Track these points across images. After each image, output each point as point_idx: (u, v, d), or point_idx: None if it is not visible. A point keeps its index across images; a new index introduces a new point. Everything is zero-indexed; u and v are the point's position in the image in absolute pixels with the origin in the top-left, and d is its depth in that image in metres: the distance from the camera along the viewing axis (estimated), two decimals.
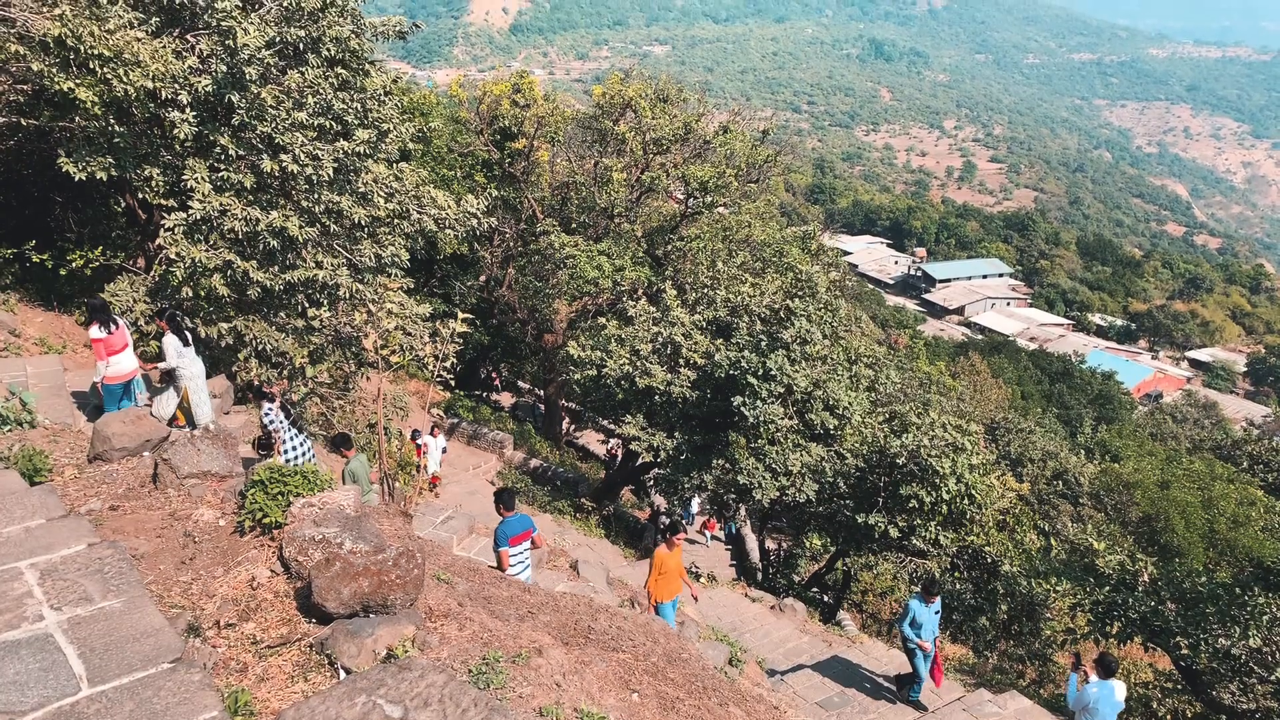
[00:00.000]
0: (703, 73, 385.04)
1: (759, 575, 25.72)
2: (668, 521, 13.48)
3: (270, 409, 12.80)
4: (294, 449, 12.84)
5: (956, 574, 22.63)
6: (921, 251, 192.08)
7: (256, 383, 13.50)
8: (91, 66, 12.86)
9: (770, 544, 27.61)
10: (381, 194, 16.36)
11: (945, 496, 17.85)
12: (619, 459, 30.75)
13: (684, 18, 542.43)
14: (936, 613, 13.58)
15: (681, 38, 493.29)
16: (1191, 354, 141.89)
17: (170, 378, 12.60)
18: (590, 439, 38.83)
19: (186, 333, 12.73)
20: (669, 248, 32.45)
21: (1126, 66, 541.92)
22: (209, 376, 14.99)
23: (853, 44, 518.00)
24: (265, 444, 12.60)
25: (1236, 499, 32.38)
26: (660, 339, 22.88)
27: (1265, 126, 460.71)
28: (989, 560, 21.95)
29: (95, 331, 11.87)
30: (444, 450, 24.85)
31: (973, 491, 18.04)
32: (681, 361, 22.41)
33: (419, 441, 24.03)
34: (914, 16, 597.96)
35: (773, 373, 19.79)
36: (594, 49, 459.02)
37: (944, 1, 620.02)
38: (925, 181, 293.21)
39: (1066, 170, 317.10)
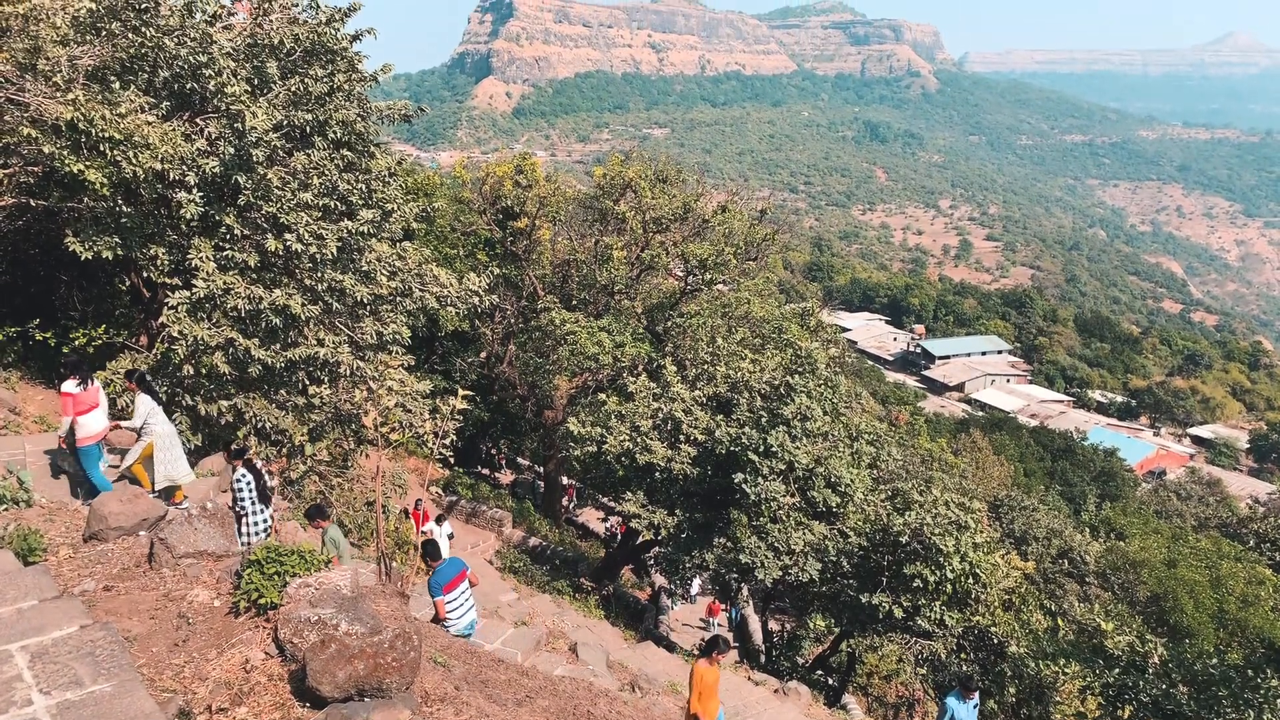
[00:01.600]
0: (701, 154, 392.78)
1: (762, 657, 25.22)
2: (708, 637, 13.17)
3: (242, 476, 12.39)
4: (257, 533, 12.40)
5: (962, 655, 22.18)
6: (920, 328, 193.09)
7: (236, 448, 13.28)
8: (102, 149, 13.11)
9: (773, 625, 27.16)
10: (384, 272, 16.52)
11: (950, 575, 17.62)
12: (619, 537, 30.42)
13: (682, 102, 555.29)
14: (976, 706, 13.16)
15: (680, 121, 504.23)
16: (1193, 431, 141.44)
17: (138, 436, 12.55)
18: (590, 516, 38.50)
19: (158, 393, 12.75)
20: (669, 324, 32.64)
21: (1118, 148, 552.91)
22: (207, 455, 14.96)
23: (848, 126, 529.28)
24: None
25: (1245, 578, 31.91)
26: (660, 415, 22.86)
27: (1257, 206, 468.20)
28: (995, 641, 21.53)
29: (70, 386, 11.69)
30: (451, 537, 23.88)
31: (977, 570, 17.81)
32: (682, 438, 22.34)
33: (427, 528, 23.24)
34: (908, 100, 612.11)
35: (774, 449, 19.71)
36: (595, 132, 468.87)
37: (937, 85, 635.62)
38: (922, 259, 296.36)
39: (1062, 248, 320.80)
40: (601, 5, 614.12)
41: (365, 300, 16.12)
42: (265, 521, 12.52)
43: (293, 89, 15.16)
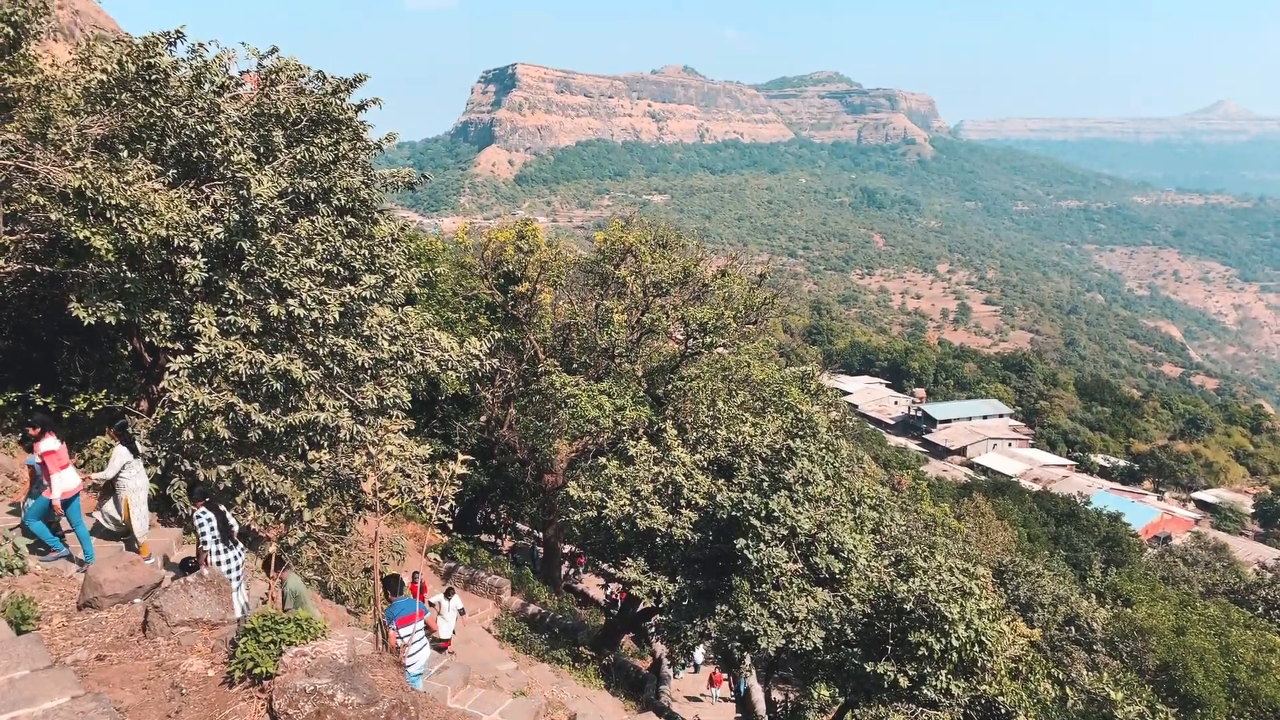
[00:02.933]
0: (700, 220, 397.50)
1: None
2: None
3: (202, 514, 12.10)
4: (224, 574, 12.21)
5: None
6: (921, 392, 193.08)
7: (198, 490, 13.09)
8: (108, 215, 13.27)
9: (777, 695, 26.64)
10: (386, 337, 16.58)
11: (955, 643, 17.32)
12: (619, 604, 30.02)
13: (682, 169, 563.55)
14: None
15: (680, 187, 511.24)
16: (1198, 495, 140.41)
17: (110, 488, 12.47)
18: (590, 583, 38.02)
19: (136, 444, 12.72)
20: (669, 387, 32.66)
21: (1113, 213, 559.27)
22: None
23: (845, 192, 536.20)
24: (193, 568, 11.99)
25: (1256, 645, 31.45)
26: (661, 479, 22.72)
27: (1253, 270, 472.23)
28: (1003, 711, 21.08)
29: (50, 443, 11.64)
30: (462, 612, 23.13)
31: (983, 638, 17.52)
32: (683, 502, 22.18)
33: (434, 600, 22.62)
34: (904, 167, 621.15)
35: (776, 514, 19.55)
36: (595, 198, 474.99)
37: (932, 152, 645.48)
38: (921, 323, 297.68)
39: (1060, 312, 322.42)
40: (602, 76, 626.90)
41: (366, 365, 16.15)
42: (233, 562, 12.23)
43: (298, 157, 15.39)
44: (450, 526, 38.90)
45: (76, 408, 15.41)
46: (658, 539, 21.89)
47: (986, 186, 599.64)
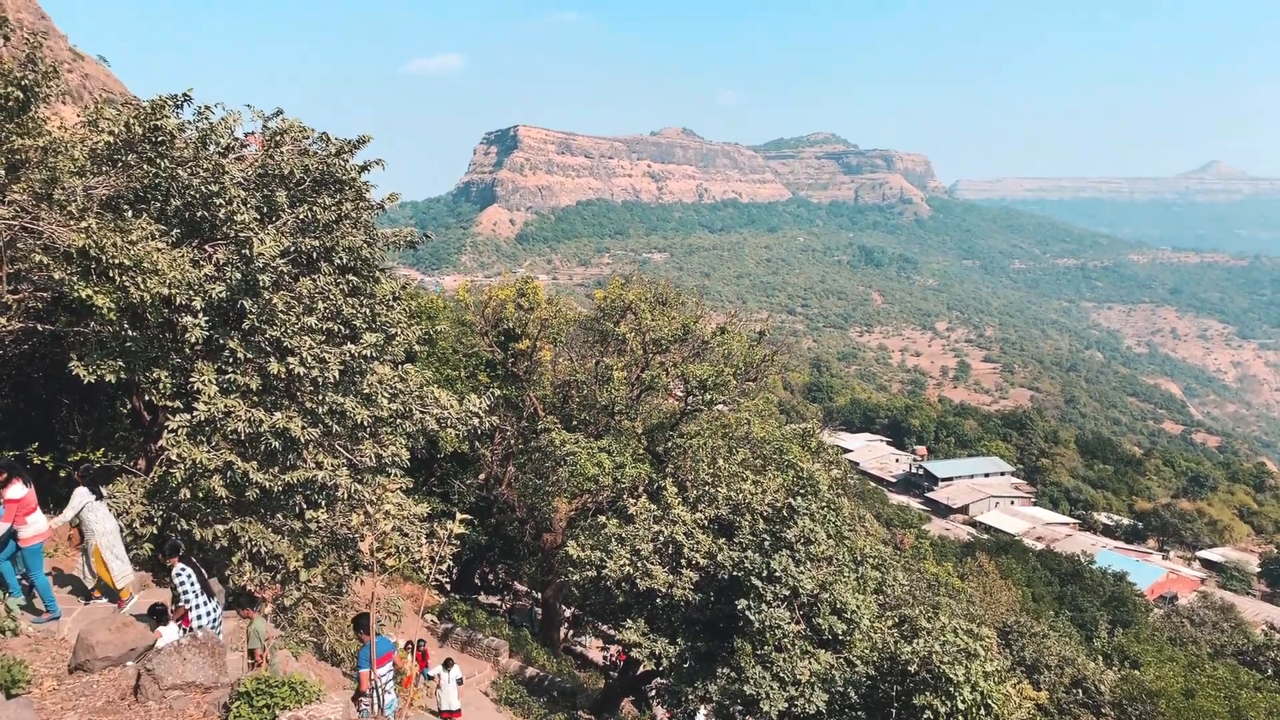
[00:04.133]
0: (700, 278, 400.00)
1: None
2: None
3: (182, 570, 12.08)
4: (204, 627, 11.98)
5: None
6: (922, 449, 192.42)
7: (172, 544, 12.95)
8: (111, 275, 13.35)
9: None
10: (385, 394, 16.56)
11: (961, 706, 16.99)
12: (619, 667, 29.53)
13: (681, 228, 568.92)
14: None
15: (679, 246, 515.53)
16: (1203, 554, 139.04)
17: (80, 535, 12.37)
18: (589, 645, 37.45)
19: (99, 487, 12.66)
20: (669, 445, 32.53)
21: (1110, 271, 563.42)
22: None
23: (843, 251, 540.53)
24: (160, 615, 11.79)
25: (1266, 708, 30.89)
26: (661, 538, 22.51)
27: (1250, 328, 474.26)
28: None
29: (16, 490, 11.61)
30: (460, 682, 22.00)
31: (989, 701, 17.19)
32: (683, 562, 21.95)
33: (433, 672, 22.08)
34: (901, 226, 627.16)
35: (777, 574, 19.33)
36: (596, 256, 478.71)
37: (929, 212, 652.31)
38: (921, 381, 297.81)
39: (1060, 370, 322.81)
40: (602, 138, 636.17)
41: (365, 423, 16.11)
42: (212, 613, 12.18)
43: (301, 216, 15.55)
44: (448, 587, 38.45)
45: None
46: (658, 599, 21.61)
47: (983, 245, 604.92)
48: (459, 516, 13.13)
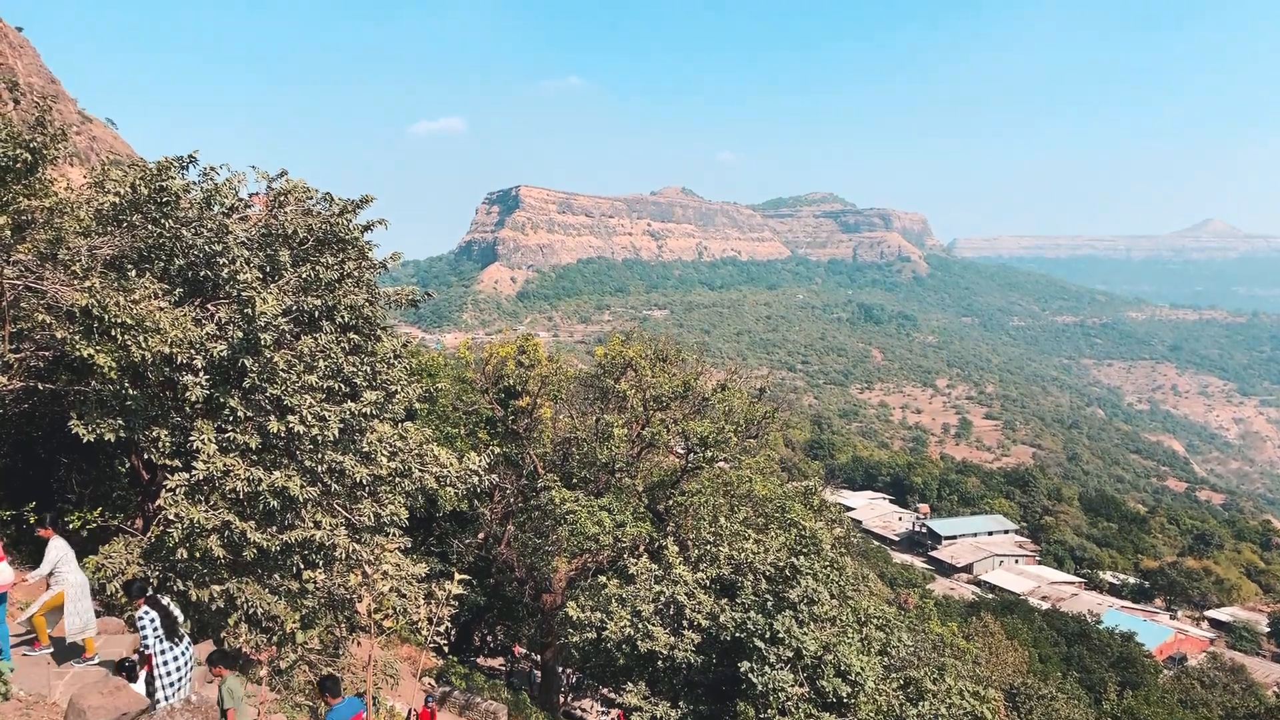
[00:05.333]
0: (700, 334, 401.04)
1: None
2: None
3: (145, 614, 11.66)
4: (169, 672, 11.69)
5: None
6: (925, 507, 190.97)
7: (138, 586, 12.73)
8: (113, 333, 13.39)
9: None
10: (385, 453, 16.48)
11: None
12: None
13: (681, 285, 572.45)
14: None
15: (679, 303, 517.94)
16: (1211, 613, 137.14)
17: (47, 585, 12.20)
18: (590, 709, 36.75)
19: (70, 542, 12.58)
20: (670, 502, 32.30)
21: (1109, 328, 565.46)
22: (196, 642, 14.45)
23: (842, 308, 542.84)
24: (129, 669, 11.49)
25: None
26: (663, 599, 22.22)
27: (1251, 384, 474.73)
28: None
29: None
30: None
31: None
32: (685, 623, 21.64)
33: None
34: (900, 283, 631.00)
35: (780, 635, 19.05)
36: (596, 313, 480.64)
37: (928, 269, 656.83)
38: (922, 438, 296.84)
39: (1062, 426, 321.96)
40: (603, 197, 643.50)
41: (364, 481, 16.01)
42: (179, 659, 11.75)
43: (304, 276, 15.64)
44: (446, 649, 37.86)
45: (71, 526, 15.22)
46: (659, 662, 21.27)
47: (982, 302, 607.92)
48: (457, 577, 12.99)
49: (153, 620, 11.69)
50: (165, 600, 12.31)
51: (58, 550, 12.28)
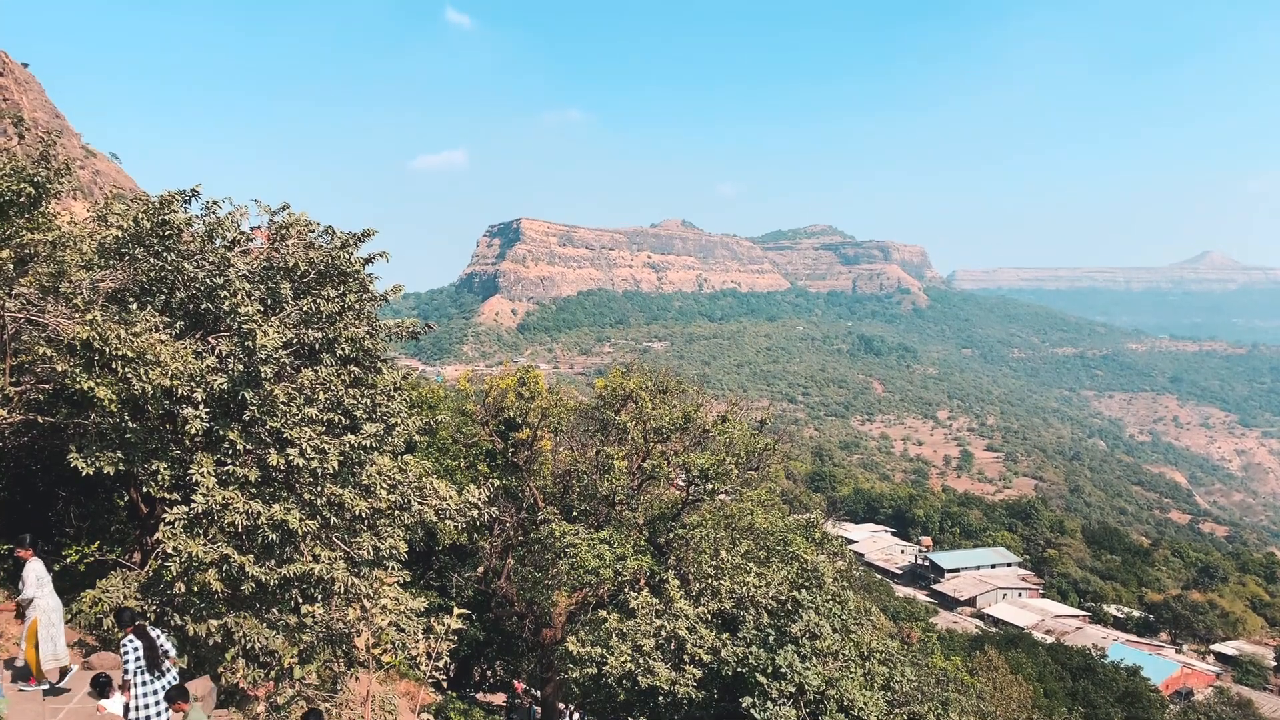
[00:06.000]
0: (700, 366, 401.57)
1: None
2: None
3: (129, 642, 11.86)
4: (147, 705, 11.61)
5: None
6: (927, 540, 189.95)
7: (127, 615, 12.66)
8: (114, 366, 13.39)
9: None
10: (384, 486, 16.42)
11: None
12: None
13: (681, 317, 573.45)
14: None
15: (680, 335, 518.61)
16: (1216, 647, 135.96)
17: (21, 609, 12.10)
18: None
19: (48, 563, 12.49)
20: (671, 535, 32.12)
21: (1109, 360, 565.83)
22: (193, 677, 14.31)
23: (842, 340, 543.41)
24: (103, 686, 11.44)
25: None
26: (664, 633, 22.02)
27: (1252, 416, 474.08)
28: None
29: None
30: None
31: None
32: (686, 658, 21.43)
33: None
34: (899, 315, 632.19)
35: (782, 670, 18.85)
36: (597, 345, 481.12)
37: (927, 301, 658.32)
38: (924, 470, 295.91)
39: (1063, 458, 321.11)
40: (603, 229, 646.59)
41: (364, 514, 15.93)
42: (158, 694, 11.73)
43: (304, 308, 15.67)
44: (445, 684, 37.48)
45: (68, 560, 15.13)
46: (660, 697, 21.03)
47: (982, 334, 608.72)
48: (456, 611, 12.90)
49: (136, 649, 11.76)
50: (155, 633, 12.28)
51: (36, 572, 12.21)
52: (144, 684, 11.74)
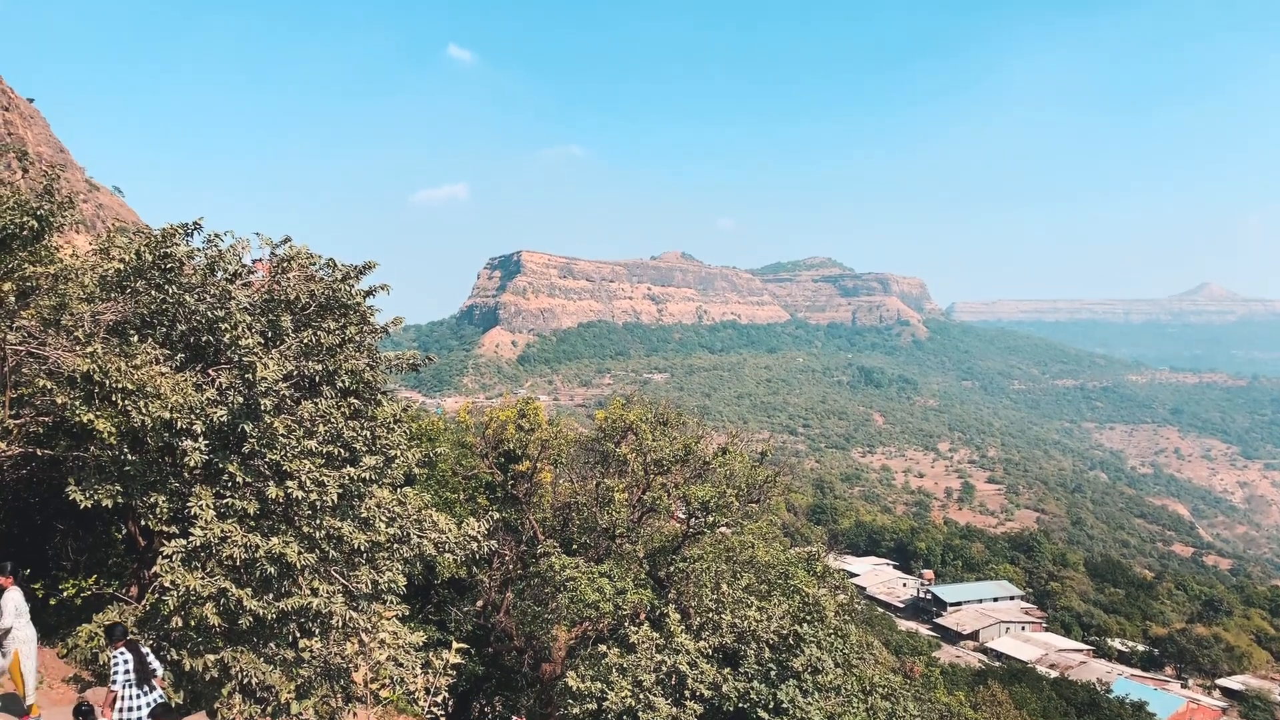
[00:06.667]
0: (700, 398, 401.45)
1: None
2: None
3: (119, 654, 11.80)
4: (130, 717, 11.54)
5: None
6: (929, 573, 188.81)
7: (119, 629, 12.60)
8: (114, 399, 13.39)
9: None
10: (383, 519, 16.35)
11: None
12: None
13: (681, 349, 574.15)
14: None
15: (680, 366, 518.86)
16: (1222, 682, 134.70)
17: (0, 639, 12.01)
18: None
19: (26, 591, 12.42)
20: (671, 569, 31.92)
21: (1109, 392, 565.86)
22: (189, 713, 14.18)
23: (842, 371, 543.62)
24: (86, 715, 11.37)
25: None
26: (664, 668, 21.83)
27: (1254, 448, 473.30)
28: None
29: None
30: None
31: None
32: (687, 693, 21.23)
33: None
34: (899, 347, 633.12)
35: (784, 705, 18.68)
36: (597, 377, 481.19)
37: (927, 333, 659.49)
38: (926, 502, 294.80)
39: (1065, 490, 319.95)
40: (604, 261, 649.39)
41: (362, 548, 15.85)
42: (142, 710, 11.66)
43: (305, 341, 15.70)
44: None
45: (65, 594, 15.04)
46: None
47: (982, 366, 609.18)
48: (455, 645, 12.80)
49: (125, 661, 11.79)
50: (145, 648, 12.27)
51: (15, 602, 12.14)
52: (131, 698, 11.72)
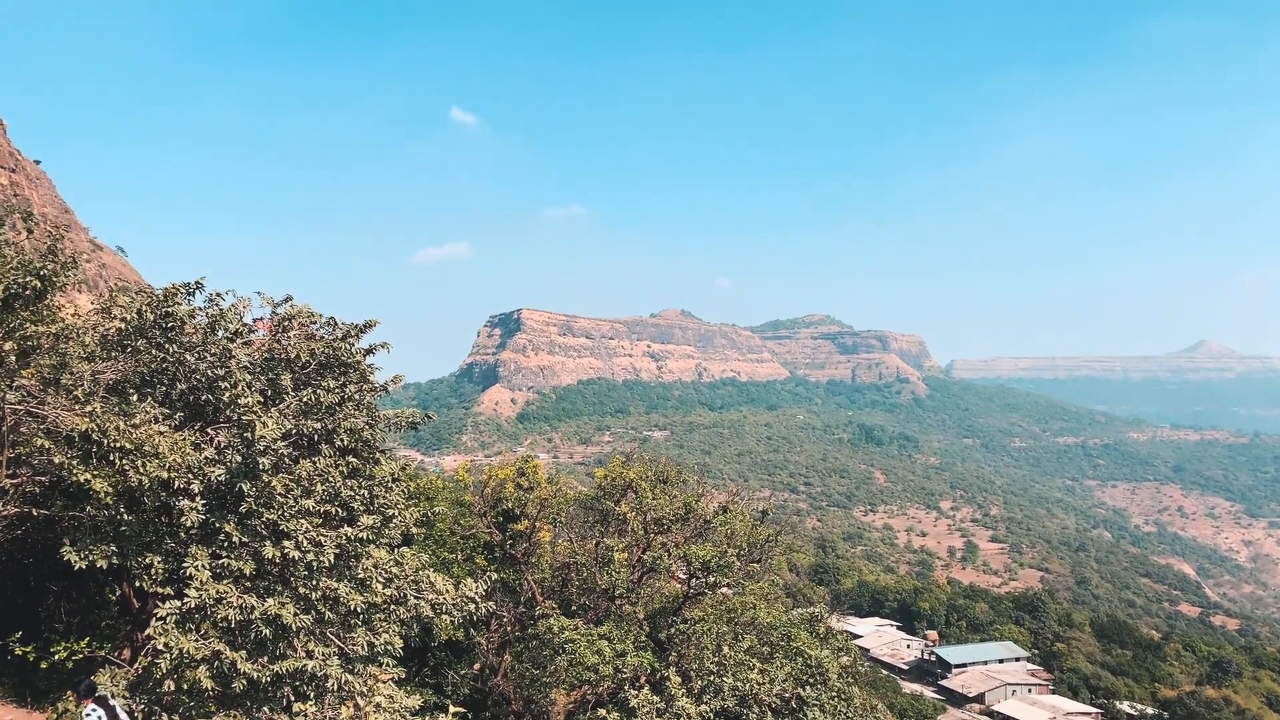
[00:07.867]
0: (700, 455, 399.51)
1: None
2: None
3: (92, 713, 11.85)
4: None
5: None
6: (933, 634, 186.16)
7: (87, 685, 12.44)
8: (112, 458, 13.34)
9: None
10: (380, 579, 16.18)
11: None
12: None
13: (681, 406, 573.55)
14: None
15: (679, 424, 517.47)
16: None
17: None
18: None
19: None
20: (672, 630, 31.49)
21: (1111, 449, 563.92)
22: None
23: (843, 429, 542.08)
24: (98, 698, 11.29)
25: None
26: None
27: (1258, 506, 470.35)
28: None
29: None
30: None
31: None
32: None
33: None
34: (899, 405, 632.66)
35: None
36: (596, 434, 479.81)
37: (926, 391, 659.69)
38: (929, 562, 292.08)
39: (1069, 549, 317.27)
40: (603, 319, 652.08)
41: (359, 609, 15.65)
42: None
43: (305, 399, 15.69)
44: None
45: (56, 656, 14.81)
46: None
47: (983, 424, 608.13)
48: (452, 710, 12.57)
49: (100, 717, 11.73)
50: (114, 702, 12.24)
51: None
52: None
